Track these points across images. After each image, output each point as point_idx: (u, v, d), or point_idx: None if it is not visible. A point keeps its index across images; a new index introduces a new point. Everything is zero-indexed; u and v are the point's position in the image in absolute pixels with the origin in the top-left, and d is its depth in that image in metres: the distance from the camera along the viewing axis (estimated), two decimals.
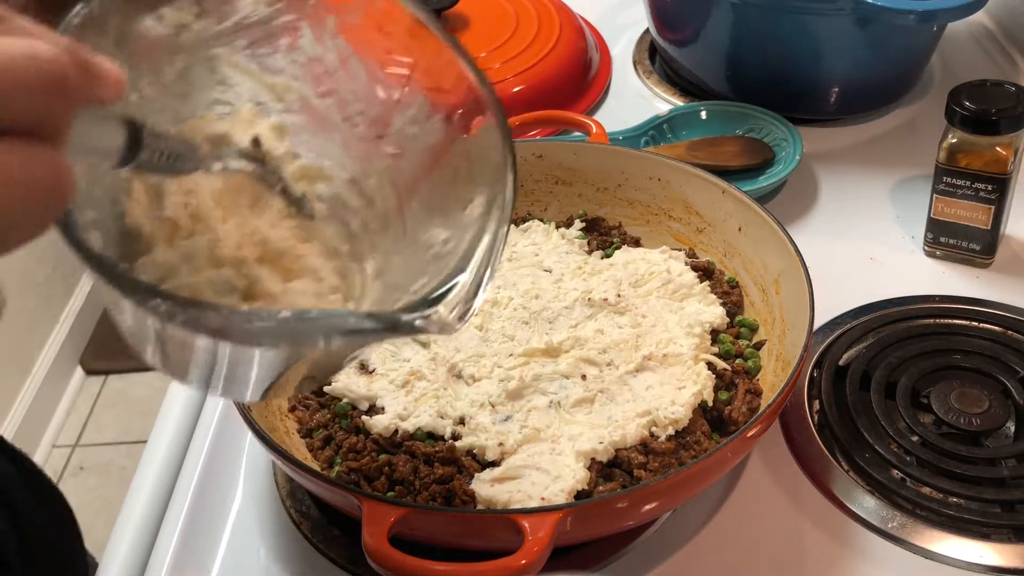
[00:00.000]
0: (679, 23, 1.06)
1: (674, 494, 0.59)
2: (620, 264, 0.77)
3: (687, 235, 0.81)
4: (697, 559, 0.63)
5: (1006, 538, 0.63)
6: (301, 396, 0.70)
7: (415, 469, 0.63)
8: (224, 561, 0.66)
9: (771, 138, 0.96)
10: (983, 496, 0.64)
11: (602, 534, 0.63)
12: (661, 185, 0.81)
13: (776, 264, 0.72)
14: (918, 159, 0.95)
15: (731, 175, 0.89)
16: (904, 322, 0.78)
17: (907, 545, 0.63)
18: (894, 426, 0.69)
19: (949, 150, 0.79)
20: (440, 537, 0.58)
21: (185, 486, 0.72)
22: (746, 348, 0.71)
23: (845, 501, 0.66)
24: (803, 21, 0.94)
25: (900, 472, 0.67)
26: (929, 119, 1.01)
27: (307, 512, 0.68)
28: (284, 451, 0.58)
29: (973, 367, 0.73)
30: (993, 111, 0.76)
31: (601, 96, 1.09)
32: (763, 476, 0.68)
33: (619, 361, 0.68)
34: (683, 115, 1.01)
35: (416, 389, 0.67)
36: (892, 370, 0.73)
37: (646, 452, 0.63)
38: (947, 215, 0.82)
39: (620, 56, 1.16)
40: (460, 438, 0.64)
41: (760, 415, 0.59)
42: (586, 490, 0.61)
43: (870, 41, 0.94)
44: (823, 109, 1.02)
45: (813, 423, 0.71)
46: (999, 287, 0.82)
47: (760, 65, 1.00)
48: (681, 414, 0.64)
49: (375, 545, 0.52)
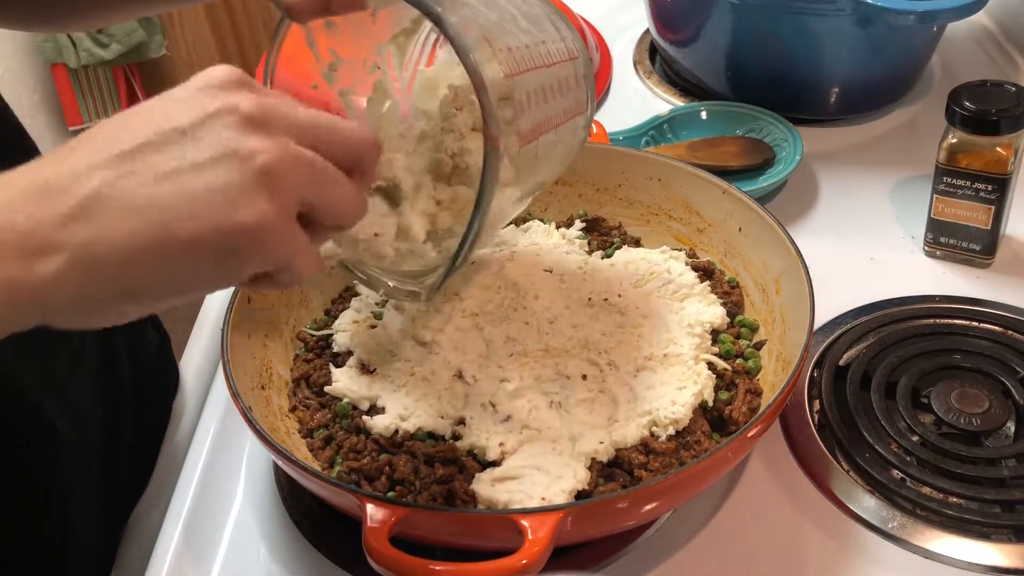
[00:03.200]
0: (679, 23, 1.06)
1: (674, 494, 0.59)
2: (620, 264, 0.77)
3: (687, 235, 0.81)
4: (697, 559, 0.64)
5: (1006, 538, 0.63)
6: (302, 396, 0.70)
7: (416, 469, 0.63)
8: (225, 561, 0.66)
9: (771, 138, 0.96)
10: (983, 496, 0.64)
11: (602, 534, 0.63)
12: (661, 185, 0.81)
13: (776, 264, 0.72)
14: (918, 159, 0.95)
15: (731, 175, 0.89)
16: (904, 322, 0.78)
17: (907, 545, 0.63)
18: (894, 426, 0.69)
19: (949, 150, 0.80)
20: (440, 537, 0.58)
21: (186, 486, 0.72)
22: (746, 348, 0.72)
23: (845, 501, 0.66)
24: (803, 21, 0.94)
25: (900, 472, 0.67)
26: (929, 119, 1.01)
27: (307, 512, 0.68)
28: (285, 451, 0.58)
29: (973, 367, 0.73)
30: (993, 111, 0.76)
31: (601, 96, 1.09)
32: (763, 476, 0.68)
33: (620, 361, 0.68)
34: (683, 115, 1.01)
35: (417, 389, 0.67)
36: (892, 370, 0.73)
37: (647, 452, 0.63)
38: (947, 215, 0.82)
39: (620, 56, 1.16)
40: (461, 438, 0.64)
41: (760, 415, 0.60)
42: (586, 490, 0.61)
43: (870, 41, 0.94)
44: (823, 109, 1.02)
45: (813, 423, 0.71)
46: (999, 287, 0.82)
47: (760, 65, 1.00)
48: (681, 414, 0.64)
49: (376, 545, 0.52)
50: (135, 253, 0.40)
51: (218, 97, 0.42)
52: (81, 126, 2.29)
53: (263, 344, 0.71)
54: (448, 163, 0.64)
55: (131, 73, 2.28)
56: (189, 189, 0.40)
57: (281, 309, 0.74)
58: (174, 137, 0.41)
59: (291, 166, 0.42)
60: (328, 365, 0.71)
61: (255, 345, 0.70)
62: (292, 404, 0.70)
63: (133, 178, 0.40)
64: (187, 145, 0.41)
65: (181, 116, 0.42)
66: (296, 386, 0.71)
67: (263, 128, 0.42)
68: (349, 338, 0.72)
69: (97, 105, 2.27)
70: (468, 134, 0.63)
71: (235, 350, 0.66)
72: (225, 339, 0.66)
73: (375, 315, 0.74)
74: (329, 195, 0.44)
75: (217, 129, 0.41)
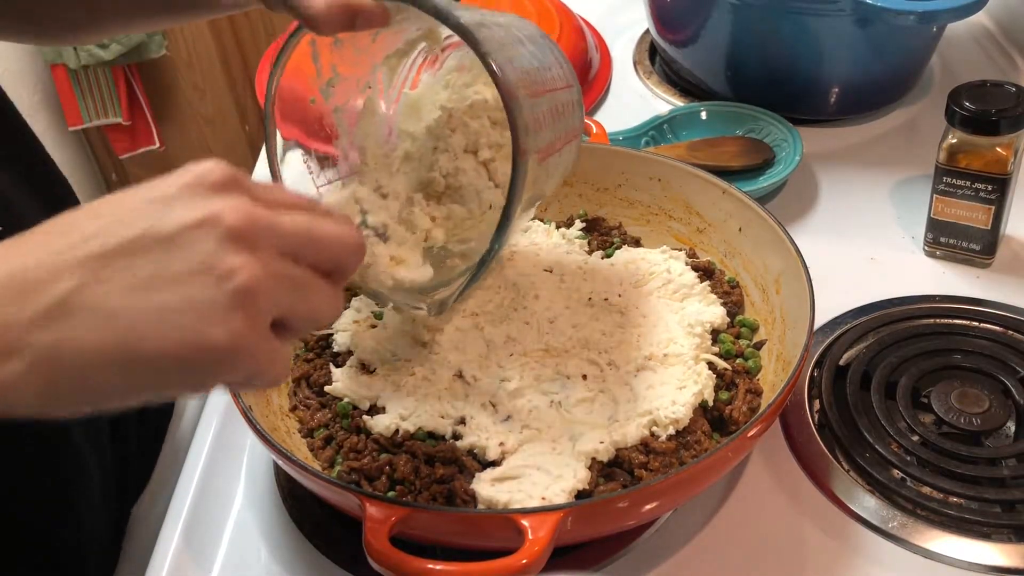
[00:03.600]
0: (679, 23, 1.06)
1: (675, 494, 0.59)
2: (620, 264, 0.77)
3: (687, 235, 0.81)
4: (697, 559, 0.64)
5: (1006, 538, 0.63)
6: (302, 396, 0.70)
7: (416, 469, 0.63)
8: (225, 561, 0.66)
9: (771, 138, 0.96)
10: (983, 496, 0.64)
11: (602, 534, 0.63)
12: (661, 185, 0.81)
13: (776, 264, 0.72)
14: (918, 159, 0.95)
15: (731, 175, 0.89)
16: (904, 322, 0.78)
17: (907, 545, 0.63)
18: (894, 426, 0.69)
19: (949, 150, 0.80)
20: (441, 537, 0.58)
21: (186, 485, 0.72)
22: (746, 348, 0.72)
23: (845, 501, 0.66)
24: (803, 21, 0.94)
25: (900, 472, 0.67)
26: (929, 119, 1.02)
27: (308, 512, 0.68)
28: (285, 451, 0.58)
29: (973, 367, 0.73)
30: (993, 111, 0.76)
31: (601, 96, 1.09)
32: (763, 476, 0.68)
33: (620, 361, 0.68)
34: (683, 115, 1.01)
35: (417, 389, 0.67)
36: (892, 370, 0.73)
37: (647, 452, 0.63)
38: (947, 215, 0.82)
39: (620, 56, 1.16)
40: (461, 438, 0.64)
41: (760, 415, 0.60)
42: (587, 490, 0.61)
43: (870, 41, 0.94)
44: (823, 109, 1.02)
45: (813, 423, 0.71)
46: (999, 287, 0.82)
47: (760, 65, 1.00)
48: (682, 414, 0.64)
49: (376, 545, 0.52)
50: (99, 362, 0.40)
51: (205, 202, 0.41)
52: (81, 126, 2.29)
53: None
54: (441, 182, 0.66)
55: (131, 73, 2.28)
56: (162, 303, 0.40)
57: None
58: (154, 245, 0.40)
59: (270, 285, 0.41)
60: (328, 365, 0.71)
61: None
62: (292, 404, 0.70)
63: (107, 285, 0.40)
64: (166, 254, 0.40)
65: (165, 220, 0.41)
66: (296, 386, 0.71)
67: (246, 243, 0.41)
68: (349, 338, 0.72)
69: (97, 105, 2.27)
70: (461, 155, 0.66)
71: None
72: None
73: (375, 315, 0.74)
74: (307, 306, 0.43)
75: (199, 241, 0.40)
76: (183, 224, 0.40)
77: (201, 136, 2.44)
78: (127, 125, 2.32)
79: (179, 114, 2.42)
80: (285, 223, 0.43)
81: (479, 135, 0.66)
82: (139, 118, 2.34)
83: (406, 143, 0.67)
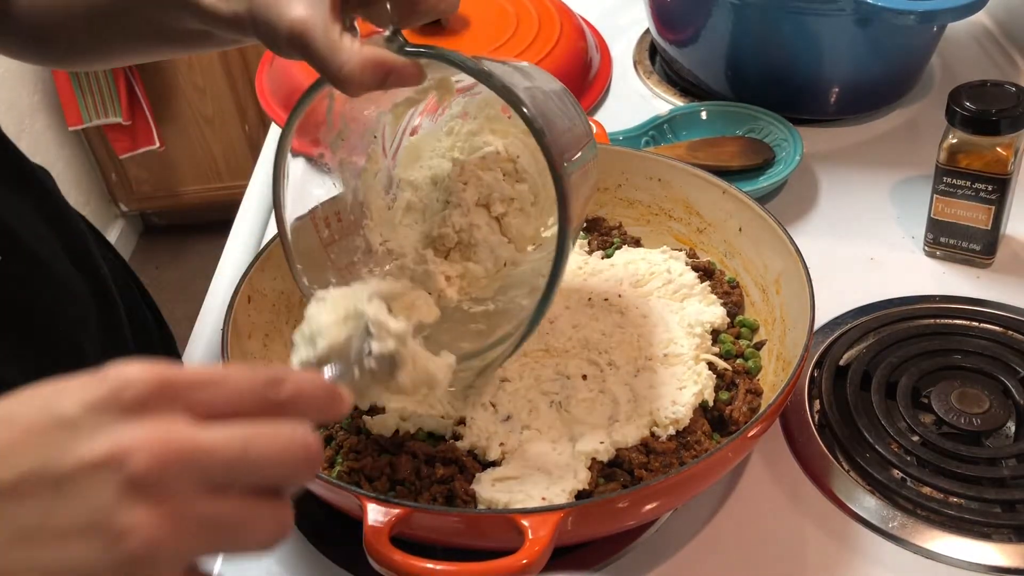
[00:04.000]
0: (679, 23, 1.06)
1: (675, 494, 0.59)
2: (621, 264, 0.77)
3: (687, 235, 0.81)
4: (697, 559, 0.64)
5: (1007, 538, 0.63)
6: None
7: (416, 469, 0.63)
8: (225, 561, 0.66)
9: (771, 138, 0.96)
10: (984, 496, 0.64)
11: (603, 534, 0.63)
12: (661, 185, 0.81)
13: (776, 264, 0.72)
14: (918, 159, 0.95)
15: (731, 175, 0.89)
16: (904, 322, 0.78)
17: (907, 545, 0.63)
18: (894, 426, 0.69)
19: (949, 150, 0.80)
20: (441, 537, 0.58)
21: None
22: (746, 348, 0.72)
23: (845, 501, 0.66)
24: (803, 21, 0.94)
25: (901, 472, 0.67)
26: (929, 119, 1.02)
27: (308, 512, 0.68)
28: None
29: (973, 367, 0.73)
30: (993, 111, 0.76)
31: (601, 96, 1.09)
32: (763, 476, 0.68)
33: (620, 361, 0.68)
34: (683, 115, 1.01)
35: None
36: (892, 370, 0.73)
37: (647, 452, 0.63)
38: (947, 215, 0.82)
39: (620, 56, 1.16)
40: (461, 438, 0.64)
41: (761, 415, 0.60)
42: (587, 490, 0.61)
43: (870, 41, 0.94)
44: (823, 109, 1.02)
45: (813, 423, 0.71)
46: (999, 287, 0.82)
47: (760, 65, 1.00)
48: (682, 414, 0.64)
49: (376, 545, 0.52)
50: None
51: (113, 433, 0.35)
52: (81, 126, 2.29)
53: (263, 344, 0.71)
54: (452, 238, 0.63)
55: (131, 73, 2.28)
56: (42, 565, 0.34)
57: (281, 309, 0.74)
58: (44, 488, 0.34)
59: (179, 540, 0.35)
60: None
61: (255, 345, 0.70)
62: None
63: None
64: (55, 502, 0.34)
65: (63, 454, 0.34)
66: None
67: (152, 491, 0.34)
68: None
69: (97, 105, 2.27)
70: (474, 209, 0.63)
71: (235, 350, 0.66)
72: (225, 339, 0.66)
73: None
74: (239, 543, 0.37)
75: (94, 488, 0.34)
76: (80, 463, 0.34)
77: (201, 136, 2.44)
78: (127, 125, 2.32)
79: (179, 114, 2.42)
80: (215, 448, 0.36)
81: (492, 188, 0.64)
82: (139, 118, 2.34)
83: (407, 193, 0.65)
